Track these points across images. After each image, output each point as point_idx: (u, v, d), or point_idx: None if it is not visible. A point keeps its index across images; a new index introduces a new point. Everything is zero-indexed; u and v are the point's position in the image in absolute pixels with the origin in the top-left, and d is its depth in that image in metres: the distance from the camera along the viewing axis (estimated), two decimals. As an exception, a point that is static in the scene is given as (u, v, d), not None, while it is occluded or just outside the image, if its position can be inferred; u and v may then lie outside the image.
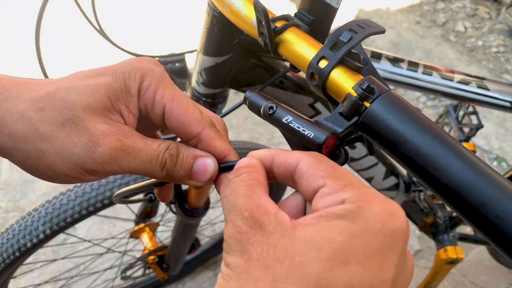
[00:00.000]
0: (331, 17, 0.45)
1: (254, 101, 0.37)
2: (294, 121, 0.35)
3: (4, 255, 0.93)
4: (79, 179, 0.32)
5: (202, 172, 0.34)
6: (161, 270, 1.24)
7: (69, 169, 0.31)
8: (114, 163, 0.32)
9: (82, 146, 0.31)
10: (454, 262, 1.07)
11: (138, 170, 0.33)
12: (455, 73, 0.76)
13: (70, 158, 0.31)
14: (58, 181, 0.33)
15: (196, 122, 0.34)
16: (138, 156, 0.32)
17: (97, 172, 0.32)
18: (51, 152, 0.31)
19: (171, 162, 0.33)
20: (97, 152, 0.31)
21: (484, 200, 0.29)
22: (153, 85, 0.34)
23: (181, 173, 0.34)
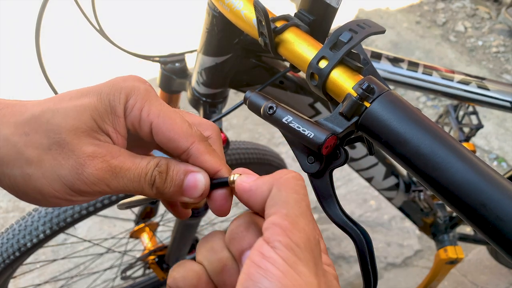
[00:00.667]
0: (331, 17, 0.45)
1: (254, 101, 0.37)
2: (294, 121, 0.35)
3: (4, 255, 0.93)
4: (69, 200, 0.32)
5: (193, 188, 0.33)
6: (161, 270, 1.24)
7: (58, 191, 0.31)
8: (102, 183, 0.31)
9: (69, 168, 0.31)
10: (454, 262, 1.07)
11: (128, 189, 0.32)
12: (455, 73, 0.76)
13: (58, 180, 0.31)
14: (48, 204, 0.32)
15: (185, 137, 0.33)
16: (126, 175, 0.32)
17: (86, 193, 0.32)
18: (39, 175, 0.31)
19: (160, 180, 0.33)
20: (84, 173, 0.31)
21: (484, 200, 0.29)
22: (138, 104, 0.33)
23: (171, 190, 0.33)
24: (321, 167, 0.36)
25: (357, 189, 1.86)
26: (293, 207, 0.27)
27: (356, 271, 1.61)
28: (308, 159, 0.37)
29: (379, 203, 1.81)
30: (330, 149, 0.35)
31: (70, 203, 0.33)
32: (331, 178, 0.37)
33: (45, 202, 0.32)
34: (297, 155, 0.37)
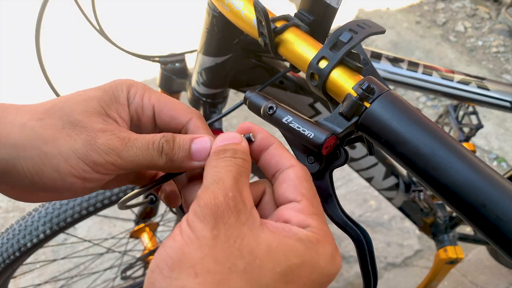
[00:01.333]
0: (331, 17, 0.45)
1: (254, 101, 0.37)
2: (294, 121, 0.35)
3: (4, 255, 0.93)
4: (84, 178, 0.33)
5: (202, 150, 0.35)
6: (161, 270, 1.24)
7: (74, 167, 0.32)
8: (114, 154, 0.33)
9: (82, 141, 0.33)
10: (454, 262, 1.07)
11: (138, 159, 0.34)
12: (455, 73, 0.76)
13: (73, 154, 0.32)
14: (64, 186, 0.33)
15: (185, 113, 0.37)
16: (135, 144, 0.34)
17: (100, 165, 0.33)
18: (55, 152, 0.32)
19: (168, 146, 0.35)
20: (97, 143, 0.33)
21: (484, 200, 0.29)
22: (139, 92, 0.37)
23: (181, 155, 0.35)
24: (321, 167, 0.36)
25: (357, 189, 1.86)
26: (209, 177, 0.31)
27: (356, 271, 1.61)
28: (308, 159, 0.37)
29: (379, 203, 1.81)
30: (330, 149, 0.35)
31: (85, 182, 0.33)
32: (331, 178, 0.37)
33: (62, 184, 0.33)
34: (297, 155, 0.37)
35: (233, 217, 0.28)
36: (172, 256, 0.27)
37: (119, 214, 1.58)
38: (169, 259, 0.27)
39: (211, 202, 0.28)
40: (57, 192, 0.34)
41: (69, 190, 0.34)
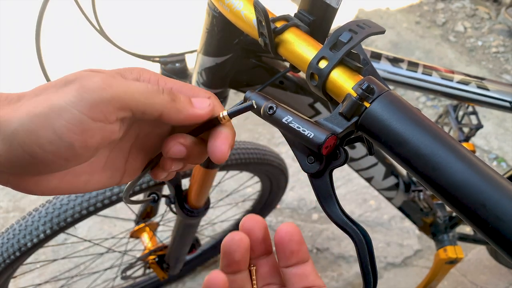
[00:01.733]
0: (331, 17, 0.45)
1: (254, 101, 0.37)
2: (294, 121, 0.35)
3: (5, 255, 0.93)
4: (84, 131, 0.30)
5: (201, 101, 0.36)
6: (161, 270, 1.24)
7: (69, 120, 0.30)
8: (109, 89, 0.31)
9: (75, 89, 0.30)
10: (454, 262, 1.07)
11: (137, 95, 0.32)
12: (455, 73, 0.77)
13: (65, 107, 0.30)
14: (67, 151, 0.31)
15: (203, 94, 0.37)
16: (133, 82, 0.33)
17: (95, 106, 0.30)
18: (47, 111, 0.30)
19: (169, 90, 0.35)
20: (89, 84, 0.31)
21: (484, 200, 0.29)
22: (153, 77, 0.36)
23: (182, 100, 0.35)
24: (321, 167, 0.36)
25: (356, 189, 1.86)
26: None
27: (356, 271, 1.61)
28: (308, 159, 0.37)
29: (379, 203, 1.81)
30: (330, 149, 0.35)
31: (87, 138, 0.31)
32: (331, 178, 0.37)
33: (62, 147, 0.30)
34: (297, 155, 0.37)
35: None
36: None
37: (120, 214, 1.58)
38: None
39: None
40: (61, 163, 0.31)
41: (73, 154, 0.31)
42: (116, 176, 0.38)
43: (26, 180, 0.33)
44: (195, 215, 1.00)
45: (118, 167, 0.38)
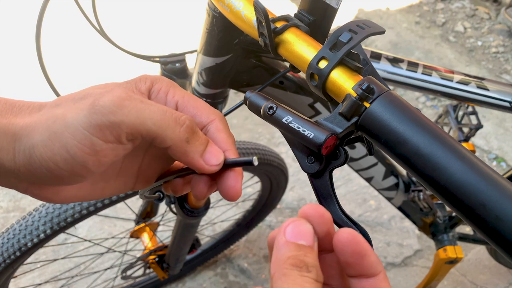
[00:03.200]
0: (331, 17, 0.45)
1: (254, 102, 0.37)
2: (294, 121, 0.35)
3: (5, 254, 0.93)
4: (95, 151, 0.30)
5: (215, 155, 0.34)
6: (162, 269, 1.24)
7: (81, 141, 0.30)
8: (120, 112, 0.30)
9: (87, 107, 0.30)
10: (454, 261, 1.07)
11: (150, 122, 0.31)
12: (455, 73, 0.77)
13: (77, 127, 0.30)
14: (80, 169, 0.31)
15: (207, 113, 0.36)
16: (148, 106, 0.31)
17: (105, 128, 0.30)
18: (62, 129, 0.30)
19: (190, 125, 0.33)
20: (100, 102, 0.30)
21: (484, 200, 0.29)
22: (164, 88, 0.35)
23: (197, 144, 0.33)
24: (321, 167, 0.36)
25: (356, 189, 1.86)
26: None
27: (356, 271, 1.61)
28: (308, 159, 0.37)
29: (379, 203, 1.81)
30: (330, 149, 0.35)
31: (99, 157, 0.31)
32: (330, 178, 0.37)
33: (75, 166, 0.30)
34: (297, 155, 0.37)
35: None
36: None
37: (120, 214, 1.58)
38: None
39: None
40: (76, 179, 0.31)
41: (87, 172, 0.31)
42: (130, 182, 0.39)
43: (45, 189, 0.34)
44: (195, 215, 1.00)
45: (132, 173, 0.39)
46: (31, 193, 0.34)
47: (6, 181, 0.33)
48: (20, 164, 0.31)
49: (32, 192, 0.34)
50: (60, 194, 0.34)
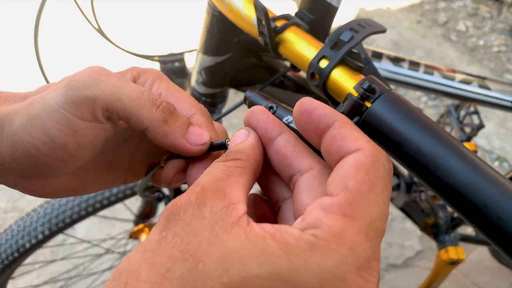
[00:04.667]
0: (332, 16, 0.45)
1: (254, 101, 0.37)
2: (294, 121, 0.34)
3: (3, 255, 0.93)
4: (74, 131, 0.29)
5: (198, 135, 0.32)
6: (161, 270, 1.24)
7: (58, 121, 0.29)
8: (96, 87, 0.29)
9: (63, 86, 0.29)
10: (455, 262, 1.07)
11: (127, 100, 0.29)
12: (456, 72, 0.76)
13: (55, 106, 0.29)
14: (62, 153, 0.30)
15: (188, 107, 0.34)
16: (126, 84, 0.30)
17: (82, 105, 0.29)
18: (40, 111, 0.29)
19: (167, 107, 0.31)
20: (75, 78, 0.29)
21: (486, 200, 0.29)
22: (149, 80, 0.34)
23: (176, 124, 0.31)
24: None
25: (357, 189, 1.85)
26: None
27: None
28: (308, 159, 0.36)
29: (380, 203, 1.80)
30: (330, 150, 0.35)
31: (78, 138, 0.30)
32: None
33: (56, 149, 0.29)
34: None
35: (191, 211, 0.23)
36: (119, 268, 0.23)
37: (118, 214, 1.58)
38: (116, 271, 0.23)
39: (172, 201, 0.24)
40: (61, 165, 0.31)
41: (69, 156, 0.30)
42: (120, 176, 0.38)
43: (34, 183, 0.33)
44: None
45: (123, 167, 0.38)
46: (20, 187, 0.33)
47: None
48: (5, 154, 0.30)
49: (20, 186, 0.33)
50: (49, 187, 0.34)
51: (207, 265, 0.21)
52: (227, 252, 0.21)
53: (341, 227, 0.22)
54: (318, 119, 0.26)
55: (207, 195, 0.24)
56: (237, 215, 0.23)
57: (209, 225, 0.22)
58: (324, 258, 0.21)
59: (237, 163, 0.27)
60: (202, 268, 0.21)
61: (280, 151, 0.29)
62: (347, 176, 0.23)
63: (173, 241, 0.22)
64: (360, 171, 0.23)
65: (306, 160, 0.28)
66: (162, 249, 0.22)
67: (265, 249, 0.21)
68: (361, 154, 0.24)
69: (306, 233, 0.22)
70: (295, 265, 0.21)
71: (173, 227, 0.23)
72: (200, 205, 0.23)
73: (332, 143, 0.25)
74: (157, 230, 0.23)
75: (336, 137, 0.25)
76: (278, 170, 0.29)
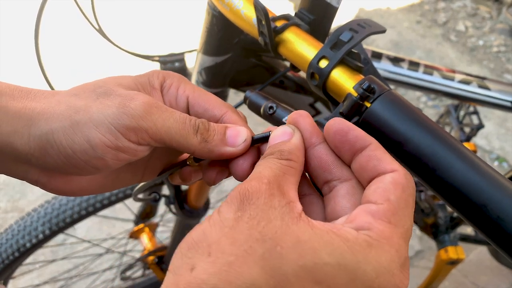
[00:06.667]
0: (332, 16, 0.45)
1: (254, 101, 0.37)
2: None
3: (3, 255, 0.93)
4: (117, 147, 0.31)
5: (236, 135, 0.34)
6: (161, 270, 1.24)
7: (105, 134, 0.31)
8: (149, 118, 0.31)
9: (115, 105, 0.31)
10: (455, 262, 1.07)
11: (173, 131, 0.32)
12: (456, 72, 0.76)
13: (104, 120, 0.31)
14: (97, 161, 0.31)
15: (218, 107, 0.36)
16: (172, 115, 0.32)
17: (132, 130, 0.31)
18: (86, 120, 0.31)
19: (203, 127, 0.33)
20: (130, 105, 0.31)
21: (485, 200, 0.29)
22: (175, 83, 0.36)
23: (215, 138, 0.34)
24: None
25: (357, 189, 1.85)
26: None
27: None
28: (308, 159, 0.36)
29: (380, 203, 1.80)
30: (330, 149, 0.35)
31: (118, 153, 0.32)
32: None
33: (93, 156, 0.31)
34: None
35: (263, 199, 0.26)
36: (193, 237, 0.26)
37: (119, 214, 1.58)
38: (190, 239, 0.26)
39: (242, 186, 0.27)
40: (91, 170, 0.32)
41: (103, 165, 0.32)
42: (138, 174, 0.39)
43: (57, 178, 0.34)
44: (195, 215, 1.00)
45: (141, 165, 0.39)
46: (41, 183, 0.34)
47: (17, 168, 0.33)
48: (34, 149, 0.31)
49: (42, 182, 0.34)
50: (71, 184, 0.35)
51: (284, 249, 0.24)
52: (300, 241, 0.25)
53: (390, 231, 0.27)
54: (354, 139, 0.30)
55: (274, 189, 0.27)
56: (298, 211, 0.27)
57: (279, 215, 0.26)
58: (379, 255, 0.26)
59: (290, 163, 0.30)
60: (280, 250, 0.24)
61: (322, 157, 0.32)
62: (388, 191, 0.28)
63: (250, 223, 0.25)
64: (398, 188, 0.28)
65: (345, 171, 0.31)
66: (240, 227, 0.25)
67: (331, 242, 0.25)
68: (397, 174, 0.29)
69: (361, 233, 0.26)
70: (357, 258, 0.25)
71: (248, 209, 0.26)
72: (271, 196, 0.27)
73: (369, 162, 0.29)
74: (231, 209, 0.26)
75: (373, 158, 0.29)
76: (315, 173, 0.32)
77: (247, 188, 0.27)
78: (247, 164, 0.35)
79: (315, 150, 0.32)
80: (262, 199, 0.26)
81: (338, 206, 0.31)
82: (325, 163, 0.32)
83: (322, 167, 0.32)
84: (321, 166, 0.32)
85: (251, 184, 0.27)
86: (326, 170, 0.32)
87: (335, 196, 0.31)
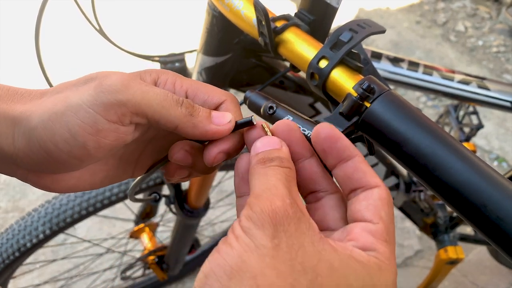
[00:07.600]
0: (331, 16, 0.45)
1: (254, 101, 0.37)
2: (294, 120, 0.34)
3: (4, 255, 0.93)
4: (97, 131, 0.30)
5: (221, 116, 0.34)
6: (161, 270, 1.24)
7: (83, 119, 0.30)
8: (126, 92, 0.30)
9: (92, 88, 0.30)
10: (455, 262, 1.07)
11: (155, 102, 0.31)
12: (456, 73, 0.76)
13: (81, 105, 0.30)
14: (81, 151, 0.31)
15: (218, 95, 0.35)
16: (152, 89, 0.32)
17: (111, 107, 0.30)
18: (64, 109, 0.30)
19: (188, 103, 0.33)
20: (107, 82, 0.30)
21: (485, 200, 0.29)
22: (170, 79, 0.35)
23: (201, 114, 0.33)
24: (321, 167, 0.36)
25: (357, 189, 1.85)
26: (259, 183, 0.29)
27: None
28: (308, 159, 0.36)
29: (379, 203, 1.80)
30: (330, 149, 0.35)
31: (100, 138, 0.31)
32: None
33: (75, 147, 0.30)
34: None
35: (293, 225, 0.26)
36: (231, 264, 0.25)
37: (119, 214, 1.58)
38: (228, 266, 0.25)
39: (268, 208, 0.26)
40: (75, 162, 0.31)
41: (86, 154, 0.31)
42: (128, 170, 0.39)
43: (45, 177, 0.34)
44: (195, 215, 1.00)
45: (131, 161, 0.39)
46: (30, 181, 0.34)
47: (5, 168, 0.33)
48: (19, 149, 0.31)
49: (31, 180, 0.34)
50: (60, 182, 0.34)
51: (324, 278, 0.26)
52: (333, 268, 0.26)
53: (389, 252, 0.29)
54: (343, 148, 0.31)
55: (297, 211, 0.27)
56: (317, 230, 0.28)
57: (310, 241, 0.26)
58: (388, 276, 0.28)
59: (291, 172, 0.31)
60: (321, 281, 0.25)
61: (312, 169, 0.33)
62: (379, 208, 0.30)
63: (289, 252, 0.25)
64: (385, 204, 0.30)
65: (332, 184, 0.33)
66: (281, 257, 0.25)
67: (354, 267, 0.27)
68: (382, 190, 0.31)
69: (370, 256, 0.28)
70: (374, 281, 0.27)
71: (283, 236, 0.26)
72: (298, 221, 0.27)
73: (354, 173, 0.31)
74: (266, 236, 0.26)
75: (359, 170, 0.31)
76: (301, 183, 0.33)
77: (276, 211, 0.26)
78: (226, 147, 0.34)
79: (306, 161, 0.33)
80: (292, 225, 0.26)
81: (329, 216, 0.32)
82: (315, 173, 0.33)
83: (311, 178, 0.33)
84: (309, 177, 0.33)
85: (277, 205, 0.27)
86: (316, 182, 0.33)
87: (323, 206, 0.33)
